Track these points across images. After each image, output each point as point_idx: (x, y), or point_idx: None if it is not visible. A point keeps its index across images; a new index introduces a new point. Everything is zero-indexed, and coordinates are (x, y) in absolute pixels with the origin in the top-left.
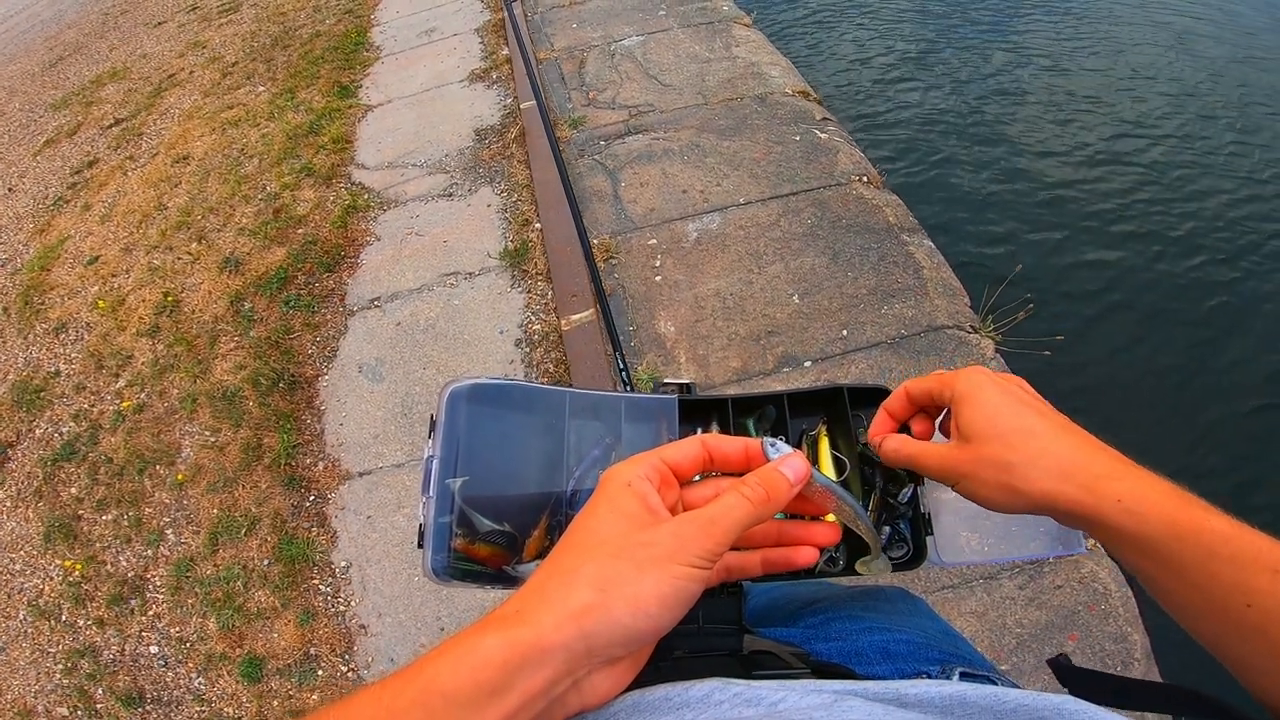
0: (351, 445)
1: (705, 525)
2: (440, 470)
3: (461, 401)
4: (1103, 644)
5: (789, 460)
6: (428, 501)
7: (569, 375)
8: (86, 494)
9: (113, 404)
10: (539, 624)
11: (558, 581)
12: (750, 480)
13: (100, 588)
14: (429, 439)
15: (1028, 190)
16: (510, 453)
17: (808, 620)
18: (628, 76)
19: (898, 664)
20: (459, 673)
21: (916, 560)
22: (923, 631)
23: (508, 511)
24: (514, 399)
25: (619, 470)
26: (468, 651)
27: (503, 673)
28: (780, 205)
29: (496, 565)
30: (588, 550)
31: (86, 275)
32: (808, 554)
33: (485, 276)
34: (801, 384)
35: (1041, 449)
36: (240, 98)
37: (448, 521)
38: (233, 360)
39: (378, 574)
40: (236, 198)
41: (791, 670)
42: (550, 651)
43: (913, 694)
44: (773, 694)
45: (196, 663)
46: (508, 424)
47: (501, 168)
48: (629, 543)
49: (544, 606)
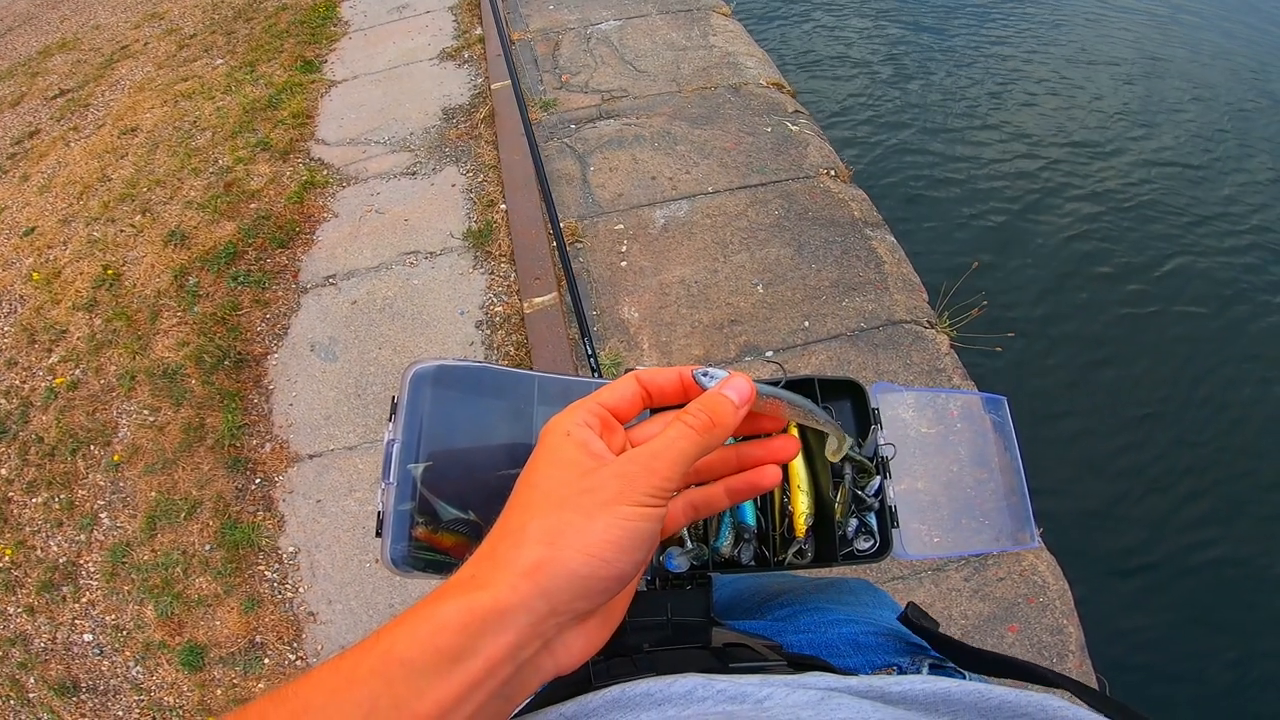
0: (302, 426)
1: (649, 461)
2: (401, 455)
3: (425, 384)
4: (1040, 636)
5: (730, 382)
6: (388, 488)
7: (530, 359)
8: (16, 475)
9: (45, 380)
10: (494, 586)
11: (508, 543)
12: (692, 408)
13: (30, 574)
14: (389, 422)
15: (989, 190)
16: (476, 438)
17: (775, 613)
18: (602, 61)
19: (868, 655)
20: (417, 639)
21: (883, 552)
22: (889, 623)
23: (473, 499)
24: (481, 382)
25: (556, 421)
26: (425, 619)
27: (462, 637)
28: (748, 195)
29: (461, 555)
30: (533, 506)
31: (21, 246)
32: (772, 474)
33: (447, 256)
34: (763, 374)
35: None
36: (196, 70)
37: (409, 509)
38: (175, 336)
39: (328, 560)
40: (186, 170)
41: (767, 663)
42: (509, 613)
43: (896, 691)
44: (757, 690)
45: (134, 651)
46: (473, 408)
47: (468, 148)
48: (572, 490)
49: (497, 569)
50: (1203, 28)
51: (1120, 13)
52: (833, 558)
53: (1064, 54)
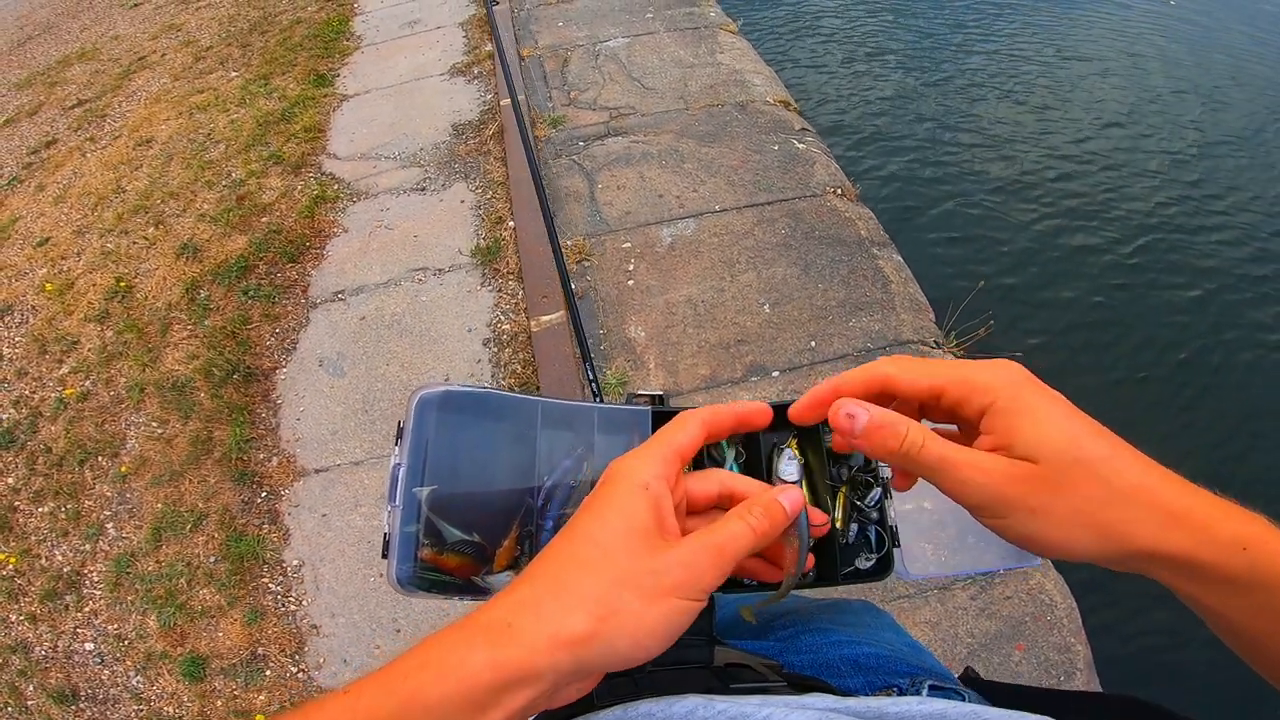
0: (309, 441)
1: (714, 555)
2: (407, 478)
3: (431, 409)
4: (1048, 654)
5: (789, 492)
6: (394, 510)
7: (536, 377)
8: (23, 484)
9: (55, 391)
10: (531, 645)
11: (554, 597)
12: (755, 510)
13: (34, 582)
14: (396, 446)
15: (996, 209)
16: (480, 462)
17: (777, 633)
18: (610, 78)
19: (868, 676)
20: (444, 686)
21: (884, 571)
22: (890, 645)
23: (477, 522)
24: (485, 407)
25: (632, 466)
26: (454, 668)
27: (490, 693)
28: (755, 214)
29: (465, 576)
30: (590, 566)
31: (35, 257)
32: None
33: (455, 273)
34: (769, 394)
35: (1138, 484)
36: (212, 82)
37: (414, 531)
38: (185, 349)
39: (331, 573)
40: (199, 183)
41: (767, 683)
42: (540, 675)
43: (894, 712)
44: (757, 710)
45: (135, 661)
46: (477, 432)
47: (478, 164)
48: (637, 567)
49: (538, 624)
50: (1231, 49)
51: (1137, 33)
52: (834, 578)
53: (1076, 75)
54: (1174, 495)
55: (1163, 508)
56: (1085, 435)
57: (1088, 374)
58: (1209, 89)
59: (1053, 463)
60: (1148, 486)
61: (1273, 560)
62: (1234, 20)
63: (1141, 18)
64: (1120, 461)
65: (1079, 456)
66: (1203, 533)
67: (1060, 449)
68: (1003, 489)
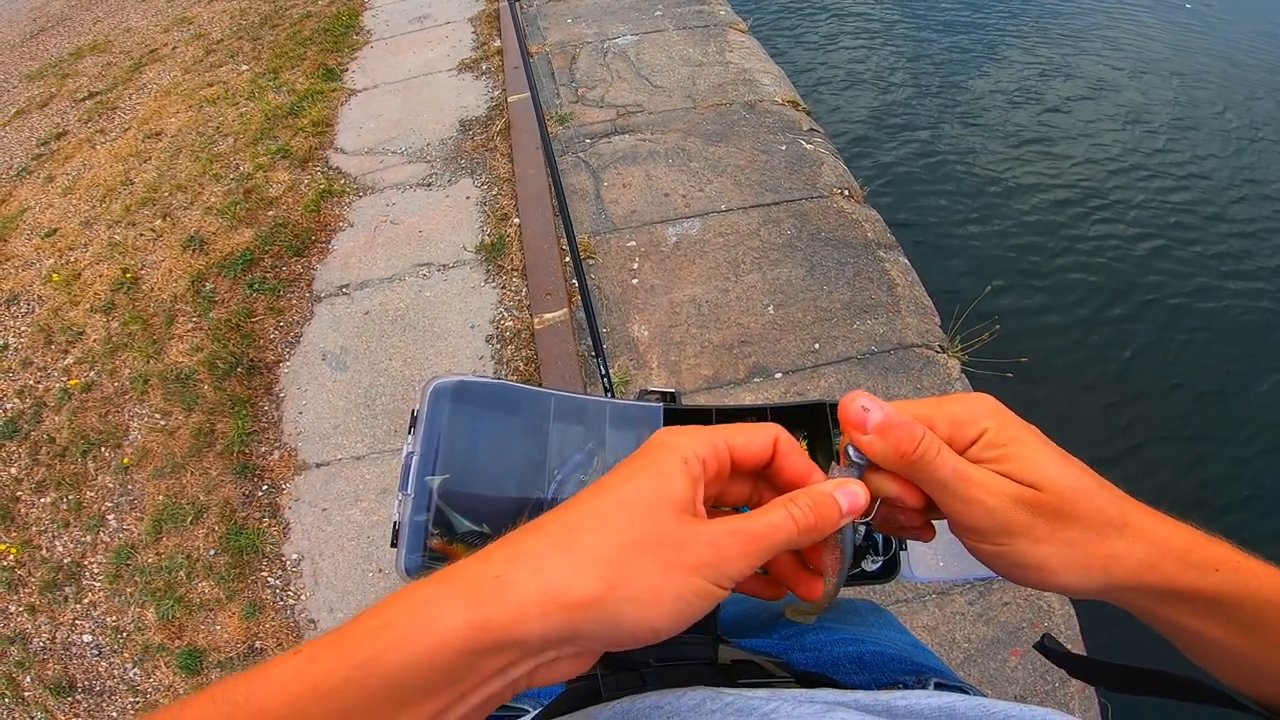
0: (310, 435)
1: (747, 541)
2: (419, 467)
3: (445, 398)
4: (1043, 659)
5: (849, 487)
6: (405, 499)
7: (539, 374)
8: (26, 474)
9: (59, 381)
10: (519, 603)
11: (561, 551)
12: (802, 501)
13: (34, 573)
14: (409, 434)
15: (1004, 213)
16: (491, 453)
17: (782, 631)
18: (619, 75)
19: (873, 674)
20: (409, 652)
21: (890, 573)
22: (894, 644)
23: (487, 513)
24: (498, 399)
25: (678, 440)
26: (423, 627)
27: (463, 658)
28: (761, 214)
29: None
30: (609, 524)
31: (43, 247)
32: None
33: (459, 269)
34: (771, 396)
35: (1123, 517)
36: (221, 76)
37: (424, 520)
38: (189, 341)
39: (331, 568)
40: (207, 176)
41: (775, 679)
42: (525, 642)
43: (902, 705)
44: (765, 704)
45: (133, 653)
46: (490, 424)
47: (484, 160)
48: (660, 534)
49: (533, 580)
50: (1250, 51)
51: (1153, 36)
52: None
53: (1085, 80)
54: (1154, 525)
55: (1147, 538)
56: (1074, 467)
57: (1093, 384)
58: (1227, 93)
59: (1055, 491)
60: (1131, 519)
61: (1242, 578)
62: (1251, 20)
63: (1157, 20)
64: (1107, 493)
65: (1077, 487)
66: (1182, 560)
67: (1059, 478)
68: (1010, 513)
